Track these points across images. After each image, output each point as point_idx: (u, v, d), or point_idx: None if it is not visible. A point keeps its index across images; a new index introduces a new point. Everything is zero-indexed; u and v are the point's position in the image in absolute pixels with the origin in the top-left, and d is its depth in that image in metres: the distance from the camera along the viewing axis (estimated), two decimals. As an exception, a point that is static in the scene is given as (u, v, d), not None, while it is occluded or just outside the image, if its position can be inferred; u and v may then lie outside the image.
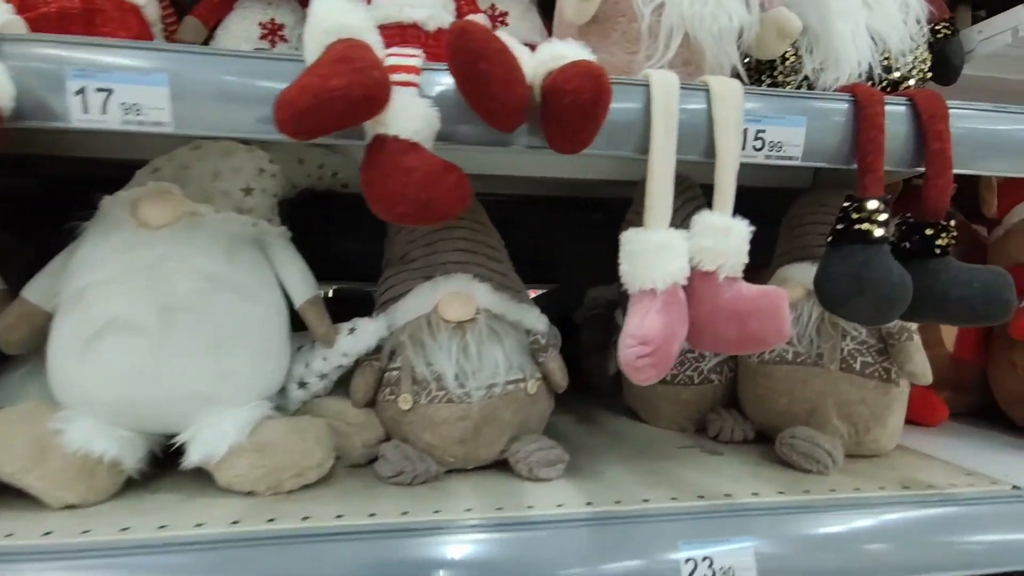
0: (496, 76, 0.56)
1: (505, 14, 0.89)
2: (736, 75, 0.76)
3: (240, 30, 0.96)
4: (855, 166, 0.75)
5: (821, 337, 0.92)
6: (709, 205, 0.72)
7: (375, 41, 0.62)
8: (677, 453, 0.98)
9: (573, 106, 0.57)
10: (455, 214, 0.62)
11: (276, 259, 0.84)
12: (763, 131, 0.73)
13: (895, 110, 0.77)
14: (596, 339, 1.32)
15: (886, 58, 0.83)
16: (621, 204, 1.04)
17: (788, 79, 0.87)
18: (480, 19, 0.81)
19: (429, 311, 0.87)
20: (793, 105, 0.74)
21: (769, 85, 0.88)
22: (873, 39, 0.82)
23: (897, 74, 0.85)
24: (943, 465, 0.94)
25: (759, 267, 0.81)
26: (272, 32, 0.97)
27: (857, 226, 0.71)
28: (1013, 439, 1.11)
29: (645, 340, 0.64)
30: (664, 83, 0.69)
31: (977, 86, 0.97)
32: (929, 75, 0.89)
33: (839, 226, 0.73)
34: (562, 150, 0.63)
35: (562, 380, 0.91)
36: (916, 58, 0.86)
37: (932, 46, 0.90)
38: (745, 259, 0.70)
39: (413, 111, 0.61)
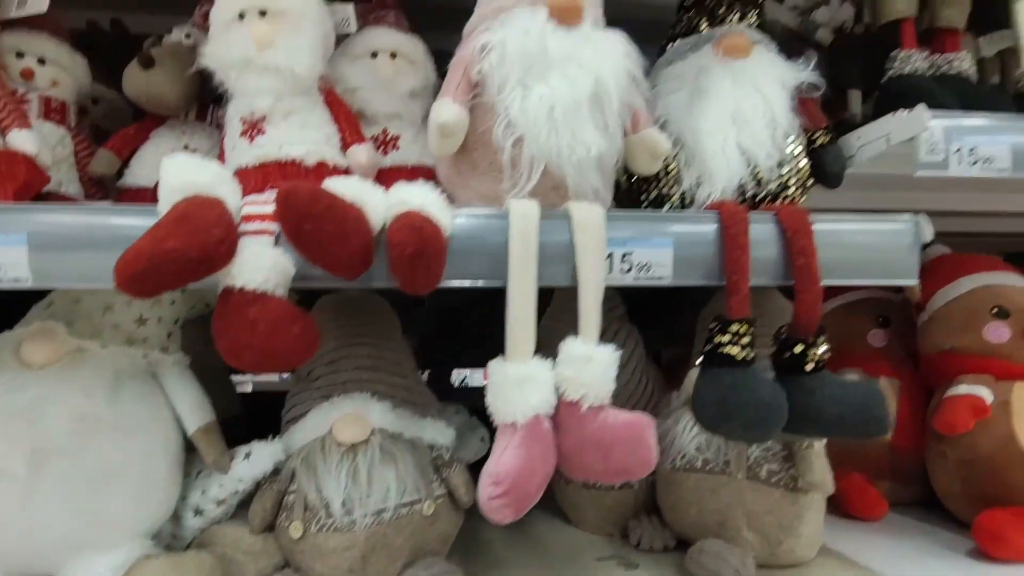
0: (326, 234, 0.58)
1: (397, 138, 0.93)
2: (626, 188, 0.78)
3: (152, 158, 1.00)
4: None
5: (728, 444, 0.91)
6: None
7: (230, 192, 0.65)
8: (594, 567, 0.95)
9: (399, 259, 0.59)
10: (302, 362, 0.63)
11: (169, 388, 0.85)
12: (629, 254, 0.75)
13: (761, 227, 0.78)
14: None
15: (759, 172, 0.85)
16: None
17: (672, 190, 0.89)
18: (363, 150, 0.84)
19: (324, 433, 0.86)
20: (658, 228, 0.76)
21: (655, 196, 0.91)
22: (744, 155, 0.85)
23: (774, 185, 0.87)
24: (864, 574, 0.91)
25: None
26: (185, 159, 1.01)
27: (721, 349, 0.71)
28: (953, 535, 1.07)
29: (498, 480, 0.63)
30: (522, 214, 0.71)
31: (865, 181, 0.99)
32: (810, 182, 0.91)
33: (706, 348, 0.73)
34: (409, 292, 0.65)
35: (466, 496, 0.89)
36: (792, 168, 0.88)
37: (811, 154, 0.92)
38: (611, 387, 0.70)
39: (261, 261, 0.63)
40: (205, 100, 1.02)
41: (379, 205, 0.66)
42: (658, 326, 1.18)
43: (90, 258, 0.65)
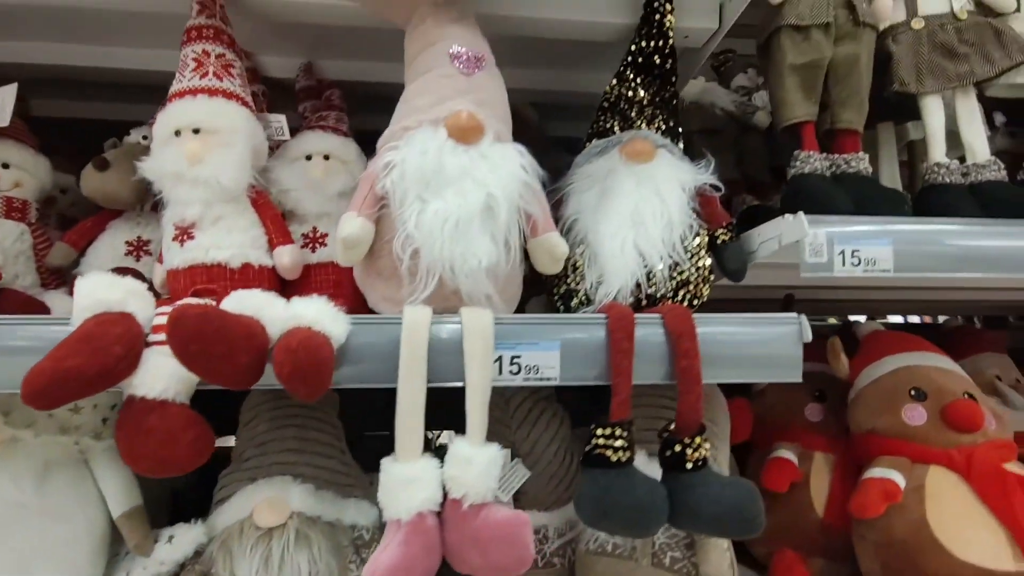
0: (212, 353, 0.64)
1: (325, 235, 1.00)
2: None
3: (107, 248, 1.08)
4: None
5: (636, 529, 0.94)
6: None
7: (141, 306, 0.71)
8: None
9: (278, 376, 0.65)
10: (195, 466, 0.68)
11: (98, 473, 0.90)
12: (518, 356, 0.80)
13: (649, 329, 0.83)
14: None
15: (654, 272, 0.91)
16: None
17: (579, 285, 0.94)
18: (287, 251, 0.91)
19: (245, 516, 0.91)
20: (546, 331, 0.82)
21: (564, 291, 0.96)
22: (641, 255, 0.90)
23: (672, 283, 0.92)
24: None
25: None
26: (137, 248, 1.08)
27: (598, 451, 0.75)
28: (877, 617, 1.08)
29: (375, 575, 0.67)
30: (411, 322, 0.77)
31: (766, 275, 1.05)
32: (712, 277, 0.96)
33: (586, 448, 0.77)
34: (299, 399, 0.70)
35: None
36: (692, 265, 0.93)
37: (714, 251, 0.97)
38: (492, 486, 0.74)
39: (161, 371, 0.69)
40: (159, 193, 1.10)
41: (278, 318, 0.72)
42: (591, 402, 1.23)
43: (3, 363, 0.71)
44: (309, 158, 1.03)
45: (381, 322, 0.79)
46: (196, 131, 0.88)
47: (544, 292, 1.03)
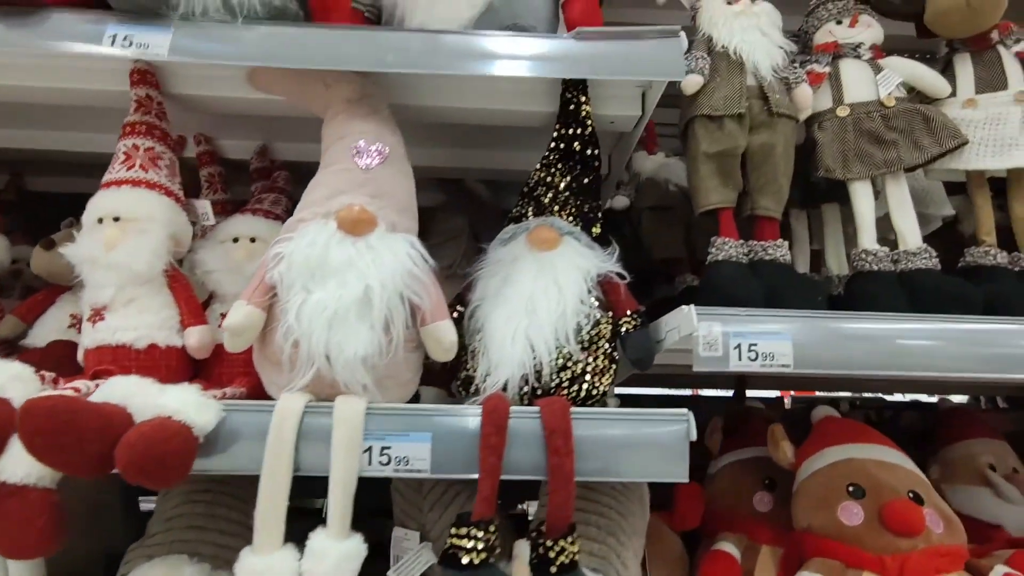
0: (61, 445, 0.67)
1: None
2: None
3: (53, 320, 1.15)
4: (486, 476, 0.80)
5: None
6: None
7: (20, 391, 0.75)
8: None
9: (118, 468, 0.67)
10: (48, 552, 0.70)
11: None
12: (388, 447, 0.80)
13: (525, 423, 0.82)
14: None
15: (548, 361, 0.90)
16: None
17: (476, 373, 0.95)
18: (195, 332, 0.95)
19: (139, 596, 0.92)
20: (418, 422, 0.82)
21: (464, 377, 0.96)
22: (532, 345, 0.90)
23: (567, 373, 0.91)
24: None
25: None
26: (80, 322, 1.14)
27: (452, 550, 0.74)
28: None
29: None
30: (281, 410, 0.79)
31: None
32: (611, 368, 0.95)
33: (445, 546, 0.76)
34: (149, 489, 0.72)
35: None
36: (587, 357, 0.92)
37: (619, 339, 0.97)
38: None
39: (23, 456, 0.72)
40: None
41: (145, 407, 0.75)
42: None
43: None
44: (236, 240, 1.08)
45: (257, 409, 0.81)
46: (116, 219, 0.94)
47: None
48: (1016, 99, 1.08)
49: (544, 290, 0.94)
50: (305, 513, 1.49)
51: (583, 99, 1.07)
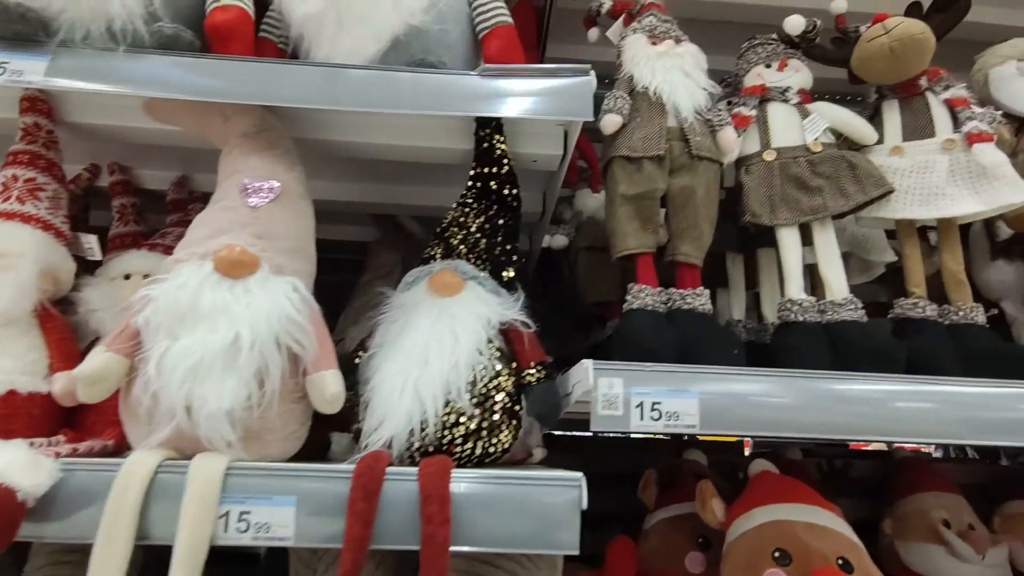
0: None
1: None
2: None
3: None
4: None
5: None
6: None
7: None
8: None
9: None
10: None
11: None
12: (248, 512, 0.73)
13: (400, 485, 0.76)
14: None
15: (428, 418, 0.83)
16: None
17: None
18: (61, 378, 0.87)
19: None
20: (284, 484, 0.75)
21: (356, 431, 0.90)
22: (421, 398, 0.84)
23: (460, 429, 0.84)
24: None
25: None
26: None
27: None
28: None
29: None
30: (128, 467, 0.72)
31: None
32: (512, 423, 0.89)
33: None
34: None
35: None
36: (482, 411, 0.86)
37: (524, 391, 0.90)
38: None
39: None
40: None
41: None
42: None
43: None
44: (128, 277, 1.02)
45: (104, 468, 0.73)
46: (-16, 254, 0.88)
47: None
48: (943, 147, 1.05)
49: (439, 339, 0.88)
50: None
51: (497, 137, 1.03)
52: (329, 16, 0.95)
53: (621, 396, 0.82)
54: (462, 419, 0.85)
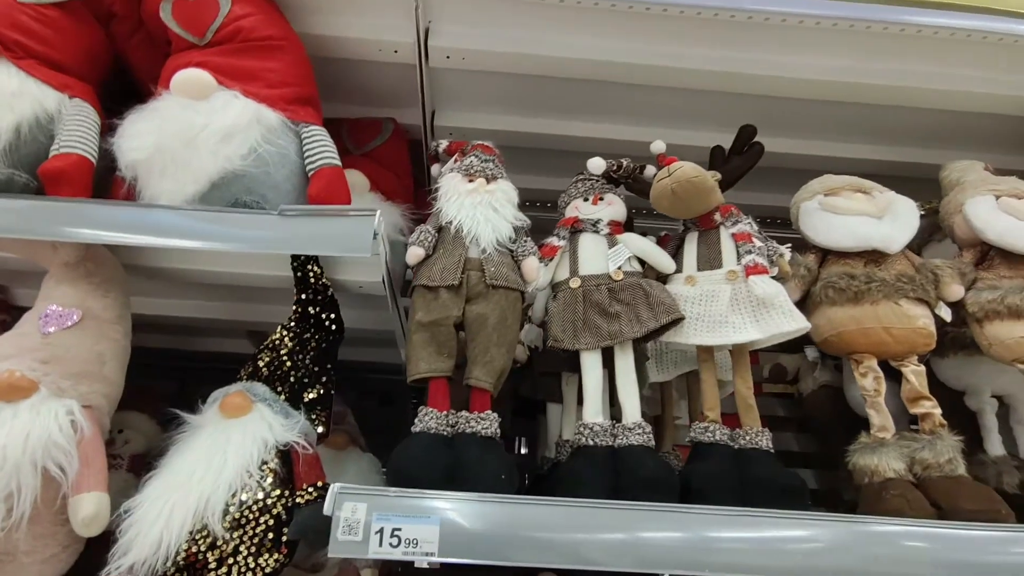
0: None
1: None
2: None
3: None
4: None
5: None
6: None
7: None
8: None
9: None
10: None
11: None
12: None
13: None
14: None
15: (201, 537, 0.85)
16: None
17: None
18: None
19: None
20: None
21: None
22: (182, 520, 0.86)
23: (215, 553, 0.86)
24: None
25: None
26: None
27: None
28: None
29: None
30: None
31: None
32: (278, 545, 0.90)
33: None
34: None
35: None
36: (241, 534, 0.88)
37: (295, 513, 0.92)
38: None
39: None
40: None
41: None
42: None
43: None
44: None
45: None
46: None
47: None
48: (727, 278, 1.12)
49: (208, 461, 0.92)
50: None
51: (311, 267, 1.12)
52: (155, 162, 1.06)
53: (362, 522, 0.84)
54: (219, 543, 0.87)
